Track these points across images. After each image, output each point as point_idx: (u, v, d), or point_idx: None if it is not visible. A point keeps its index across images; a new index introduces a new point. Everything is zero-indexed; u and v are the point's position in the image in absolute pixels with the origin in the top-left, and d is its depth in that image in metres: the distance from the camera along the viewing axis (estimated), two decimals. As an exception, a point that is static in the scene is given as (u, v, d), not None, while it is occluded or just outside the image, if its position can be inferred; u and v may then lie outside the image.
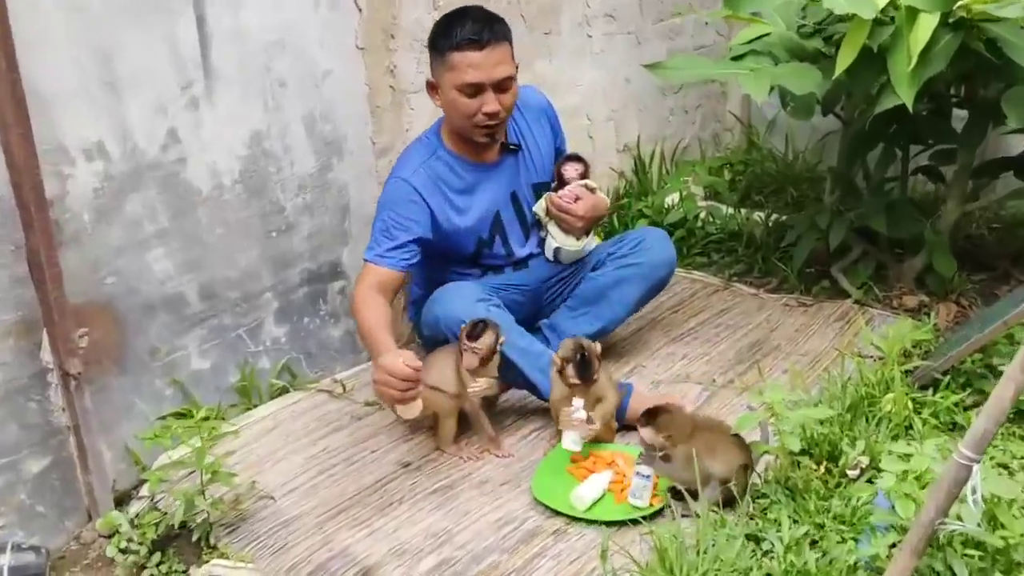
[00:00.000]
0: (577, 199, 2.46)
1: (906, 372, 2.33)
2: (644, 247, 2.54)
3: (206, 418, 2.02)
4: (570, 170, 2.52)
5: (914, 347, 2.47)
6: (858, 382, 2.30)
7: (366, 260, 2.29)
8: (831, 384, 2.34)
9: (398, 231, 2.27)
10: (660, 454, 1.90)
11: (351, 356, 2.68)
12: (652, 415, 1.93)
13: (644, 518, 1.91)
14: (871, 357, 2.54)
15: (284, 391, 2.51)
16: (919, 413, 2.19)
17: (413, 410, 2.06)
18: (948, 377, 2.30)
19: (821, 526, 1.83)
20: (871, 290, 2.96)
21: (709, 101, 4.04)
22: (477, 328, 2.12)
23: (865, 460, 1.97)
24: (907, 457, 1.76)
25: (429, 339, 2.41)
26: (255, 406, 2.45)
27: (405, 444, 2.30)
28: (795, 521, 1.85)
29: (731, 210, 3.47)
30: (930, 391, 2.28)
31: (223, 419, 2.37)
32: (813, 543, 1.79)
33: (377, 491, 2.11)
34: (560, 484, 2.05)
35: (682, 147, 3.90)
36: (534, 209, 2.52)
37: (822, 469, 1.98)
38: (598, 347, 2.14)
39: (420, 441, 2.29)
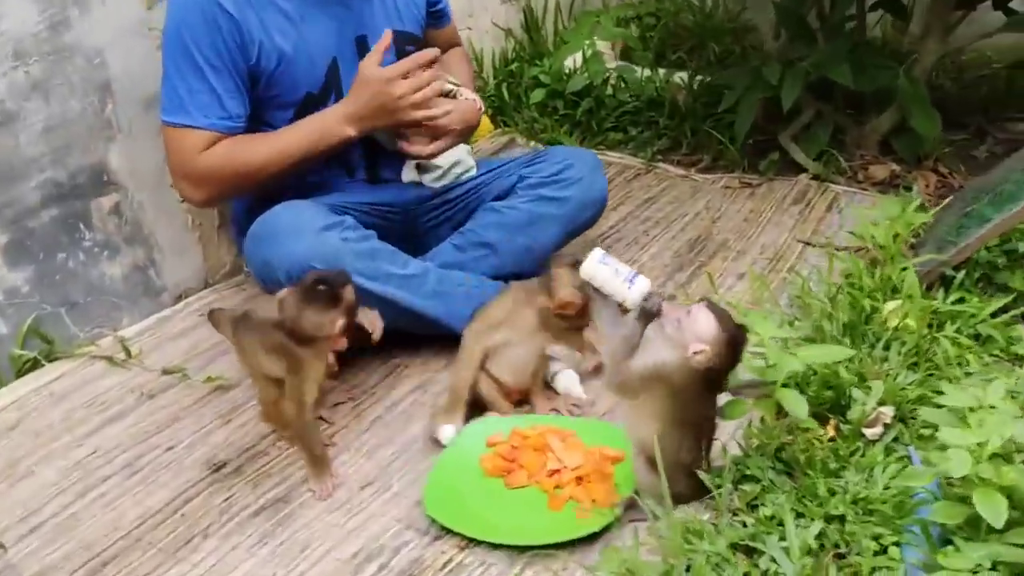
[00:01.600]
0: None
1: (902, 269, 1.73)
2: (571, 177, 1.81)
3: None
4: None
5: (913, 234, 1.88)
6: (848, 289, 1.69)
7: (178, 125, 1.60)
8: (805, 293, 1.72)
9: (215, 68, 1.57)
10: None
11: (144, 301, 1.88)
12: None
13: (586, 539, 1.26)
14: (844, 249, 1.95)
15: (36, 365, 1.71)
16: (940, 328, 1.59)
17: None
18: (963, 273, 1.71)
19: (841, 520, 1.22)
20: (833, 160, 2.34)
21: (609, -63, 3.26)
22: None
23: (889, 412, 1.36)
24: (967, 417, 1.14)
25: (262, 285, 1.66)
26: (-10, 391, 1.65)
27: (221, 432, 1.56)
28: (800, 515, 1.24)
29: (647, 72, 2.76)
30: (940, 293, 1.68)
31: (-64, 417, 1.58)
32: (838, 554, 1.18)
33: (170, 517, 1.37)
34: (467, 488, 1.37)
35: (581, -4, 3.15)
36: None
37: (830, 430, 1.36)
38: None
39: (244, 424, 1.57)
